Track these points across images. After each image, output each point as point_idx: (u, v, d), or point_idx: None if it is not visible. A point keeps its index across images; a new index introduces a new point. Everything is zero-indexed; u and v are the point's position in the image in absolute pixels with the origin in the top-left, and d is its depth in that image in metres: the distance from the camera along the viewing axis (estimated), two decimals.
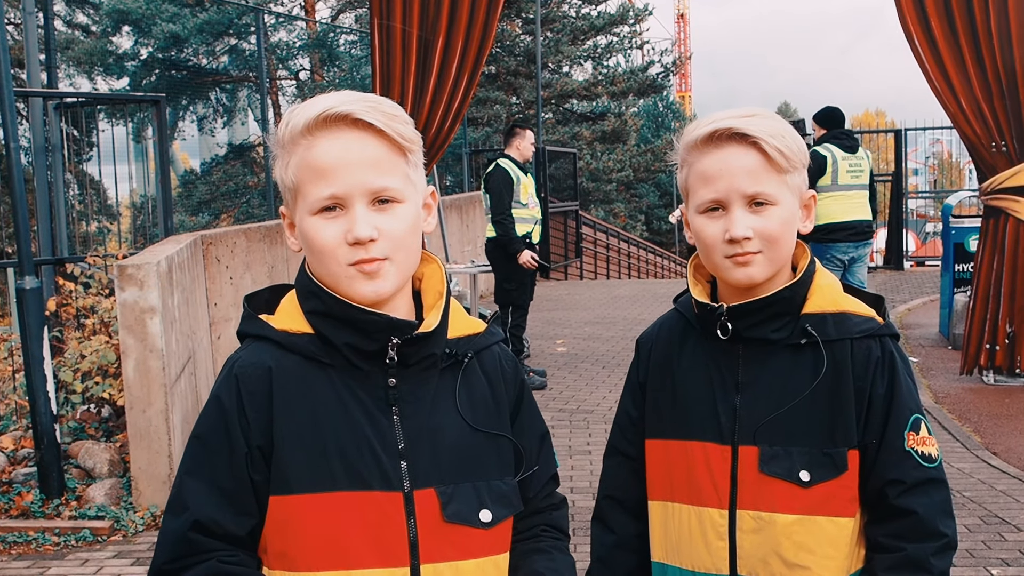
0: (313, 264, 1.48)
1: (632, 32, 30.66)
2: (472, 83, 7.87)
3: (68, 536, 4.99)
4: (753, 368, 1.71)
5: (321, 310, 1.47)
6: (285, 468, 1.43)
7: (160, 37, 19.31)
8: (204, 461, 1.46)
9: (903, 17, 7.45)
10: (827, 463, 1.66)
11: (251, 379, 1.46)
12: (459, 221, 13.74)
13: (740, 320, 1.69)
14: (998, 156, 7.42)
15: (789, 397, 1.68)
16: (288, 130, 1.44)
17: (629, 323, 11.41)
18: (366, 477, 1.44)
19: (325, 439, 1.44)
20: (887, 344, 1.71)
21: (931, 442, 1.71)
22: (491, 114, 26.54)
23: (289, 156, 1.45)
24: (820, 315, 1.69)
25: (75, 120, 9.27)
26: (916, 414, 1.70)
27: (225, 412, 1.46)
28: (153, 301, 5.18)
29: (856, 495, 1.69)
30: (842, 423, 1.67)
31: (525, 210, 8.02)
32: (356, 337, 1.45)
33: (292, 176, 1.45)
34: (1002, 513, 5.05)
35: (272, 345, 1.48)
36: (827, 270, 1.78)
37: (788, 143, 1.65)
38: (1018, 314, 7.53)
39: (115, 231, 9.50)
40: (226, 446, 1.44)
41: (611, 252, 21.67)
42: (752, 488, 1.68)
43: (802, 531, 1.66)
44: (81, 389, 6.03)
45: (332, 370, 1.47)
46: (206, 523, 1.42)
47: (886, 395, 1.68)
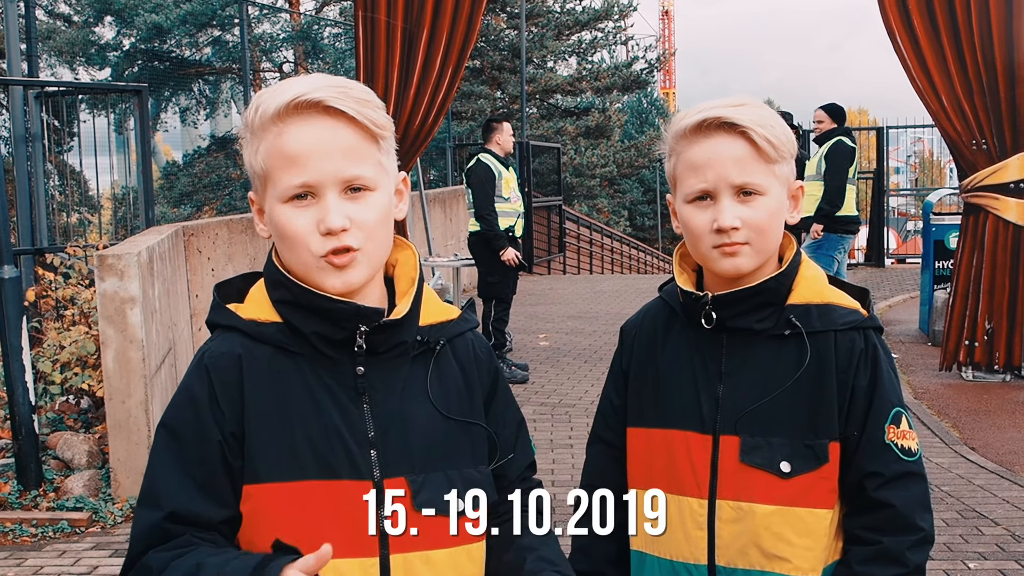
0: (283, 252, 1.46)
1: (617, 28, 30.68)
2: (456, 77, 7.85)
3: (46, 527, 4.97)
4: (737, 358, 1.71)
5: (289, 299, 1.45)
6: (255, 457, 1.42)
7: (143, 28, 19.18)
8: (176, 452, 1.43)
9: (886, 15, 7.49)
10: (808, 454, 1.66)
11: (222, 368, 1.45)
12: (443, 215, 13.72)
13: (725, 309, 1.69)
14: (978, 154, 7.47)
15: (772, 387, 1.67)
16: (258, 115, 1.42)
17: (612, 318, 11.42)
18: (335, 466, 1.43)
19: (294, 428, 1.43)
20: (871, 337, 1.71)
21: (912, 436, 1.71)
22: (475, 108, 26.50)
23: (258, 142, 1.43)
24: (805, 306, 1.69)
25: (56, 110, 9.21)
26: (898, 407, 1.70)
27: (196, 402, 1.44)
28: (134, 291, 5.15)
29: (836, 487, 1.69)
30: (824, 414, 1.67)
31: (507, 204, 8.02)
32: (324, 326, 1.44)
33: (261, 162, 1.43)
34: (979, 507, 5.09)
35: (240, 335, 1.47)
36: (813, 261, 1.78)
37: (777, 133, 1.64)
38: (997, 311, 7.59)
39: (96, 222, 9.43)
40: (198, 436, 1.43)
41: (594, 247, 21.69)
42: (732, 478, 1.68)
43: (781, 522, 1.66)
44: (60, 380, 5.99)
45: (301, 359, 1.46)
46: (181, 513, 1.40)
47: (868, 387, 1.68)
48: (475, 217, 8.00)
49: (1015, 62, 7.30)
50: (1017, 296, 7.58)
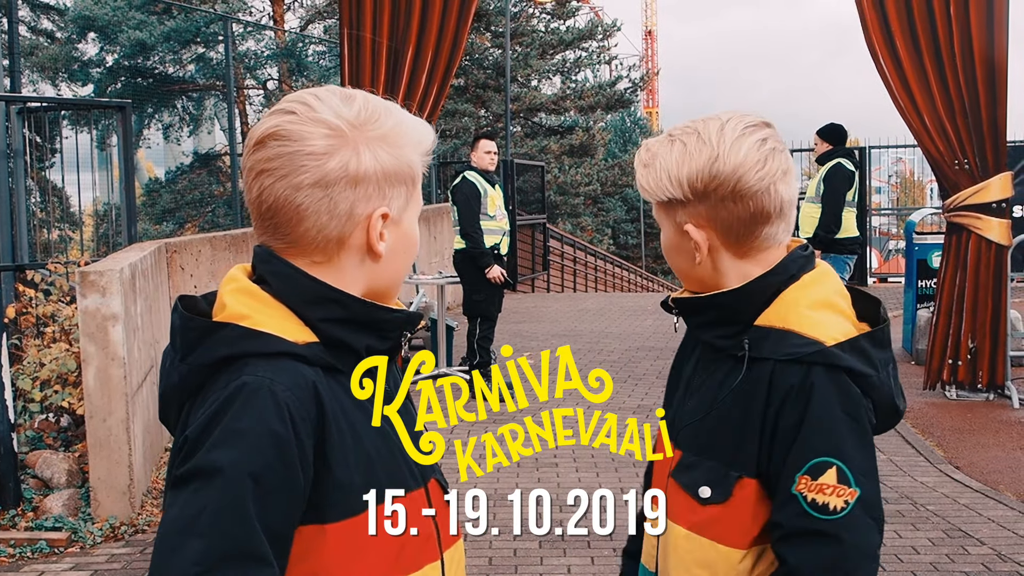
0: (399, 273, 1.47)
1: (600, 47, 30.85)
2: (441, 95, 7.86)
3: (24, 548, 4.89)
4: (703, 372, 1.69)
5: (341, 317, 1.38)
6: (347, 488, 1.34)
7: (126, 44, 19.13)
8: (269, 504, 1.26)
9: (868, 35, 7.54)
10: (725, 485, 1.58)
11: (302, 402, 1.31)
12: (427, 232, 13.70)
13: (689, 318, 1.70)
14: (960, 173, 7.51)
15: (711, 408, 1.62)
16: (418, 136, 1.43)
17: (596, 336, 11.41)
18: (403, 478, 1.42)
19: (368, 451, 1.39)
20: (812, 373, 1.52)
21: (836, 492, 1.50)
22: (460, 126, 26.55)
23: (408, 150, 1.42)
24: (766, 329, 1.58)
25: (38, 126, 9.15)
26: (824, 458, 1.50)
27: (285, 445, 1.28)
28: (116, 308, 5.10)
29: (750, 527, 1.57)
30: (745, 447, 1.57)
31: (492, 222, 8.01)
32: (374, 339, 1.42)
33: (411, 166, 1.43)
34: (965, 527, 5.08)
35: (296, 360, 1.34)
36: (822, 283, 1.64)
37: (648, 179, 1.67)
38: (980, 329, 7.62)
39: (77, 239, 9.37)
40: (289, 484, 1.28)
41: (578, 265, 21.72)
42: (670, 493, 1.64)
43: (688, 547, 1.61)
44: (40, 398, 5.92)
45: (343, 376, 1.39)
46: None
47: (792, 428, 1.52)
48: (460, 235, 7.99)
49: (996, 82, 7.36)
50: (1000, 315, 7.61)
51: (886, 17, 7.45)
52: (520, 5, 29.31)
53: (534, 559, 4.71)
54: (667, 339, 11.02)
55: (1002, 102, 7.39)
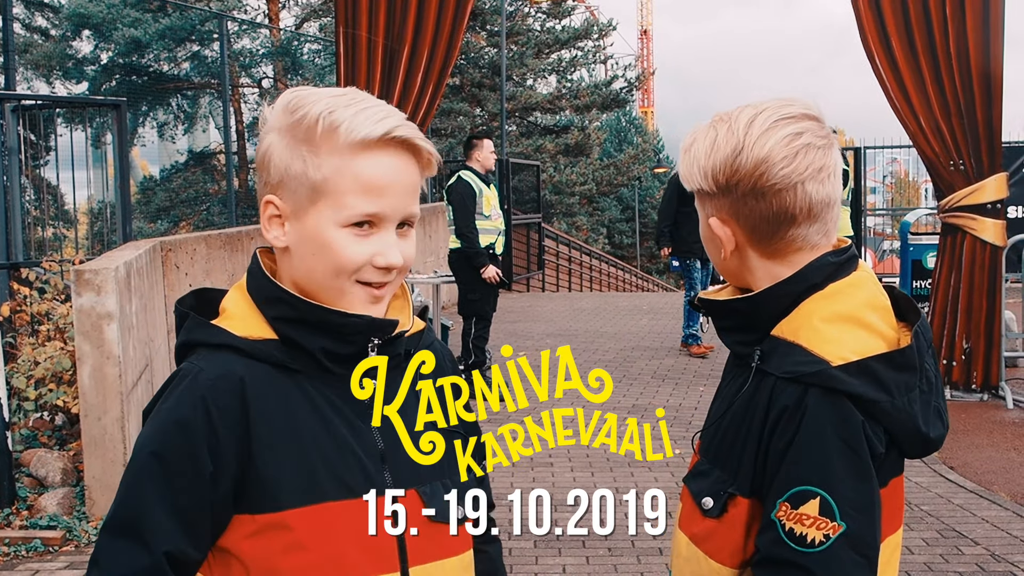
0: (310, 270, 1.41)
1: (596, 47, 30.85)
2: (437, 94, 7.85)
3: (19, 546, 4.88)
4: (727, 377, 1.63)
5: (292, 316, 1.41)
6: (271, 484, 1.37)
7: (121, 42, 19.10)
8: (165, 484, 1.35)
9: (865, 36, 7.56)
10: (722, 500, 1.51)
11: (221, 393, 1.37)
12: (421, 232, 13.70)
13: (714, 320, 1.61)
14: (956, 174, 7.53)
15: (724, 415, 1.56)
16: (341, 133, 1.37)
17: (591, 336, 11.42)
18: (352, 484, 1.40)
19: (307, 449, 1.40)
20: (808, 396, 1.42)
21: (816, 524, 1.40)
22: (455, 125, 26.55)
23: (327, 156, 1.37)
24: (777, 341, 1.49)
25: (33, 124, 9.13)
26: (808, 487, 1.40)
27: (189, 429, 1.36)
28: (111, 307, 5.09)
29: (739, 548, 1.50)
30: (743, 463, 1.50)
31: (488, 221, 8.01)
32: (331, 341, 1.41)
33: (325, 176, 1.38)
34: (959, 527, 5.10)
35: (236, 354, 1.40)
36: (852, 292, 1.51)
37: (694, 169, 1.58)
38: (974, 330, 7.64)
39: (71, 237, 9.35)
40: (192, 467, 1.35)
41: (573, 265, 21.73)
42: (683, 498, 1.61)
43: (686, 555, 1.57)
44: (34, 396, 5.91)
45: (301, 376, 1.42)
46: (175, 555, 1.35)
47: (781, 451, 1.43)
48: (456, 234, 7.98)
49: (992, 84, 7.38)
50: (994, 316, 7.63)
51: (882, 19, 7.46)
52: (516, 4, 29.32)
53: (528, 559, 4.71)
54: (662, 339, 11.03)
55: (997, 103, 7.41)
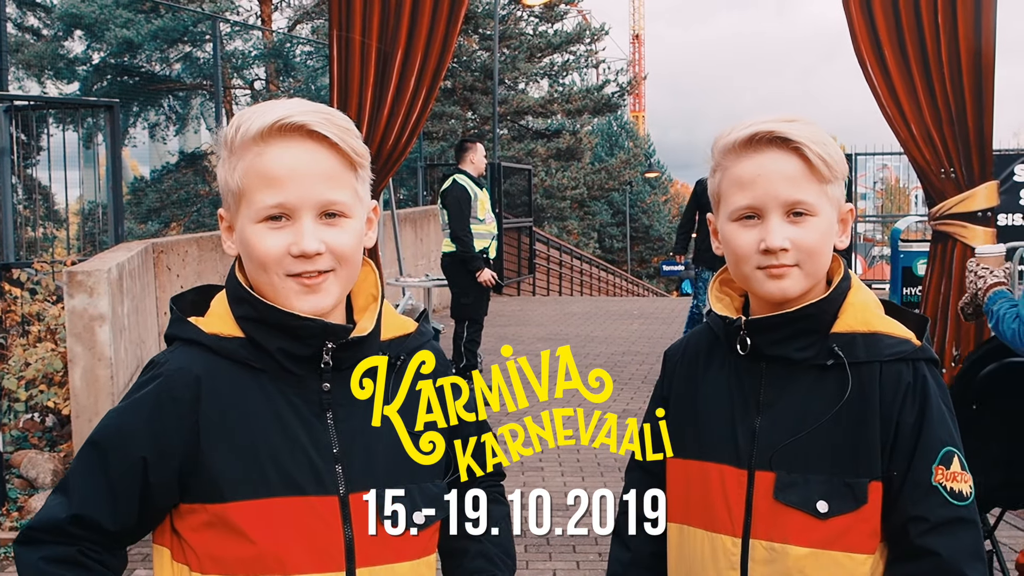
0: (251, 271, 1.47)
1: (588, 51, 30.90)
2: (430, 97, 7.84)
3: (8, 547, 4.87)
4: (775, 388, 1.61)
5: (253, 316, 1.46)
6: (217, 476, 1.42)
7: (113, 42, 19.04)
8: (98, 457, 1.44)
9: (856, 43, 7.58)
10: (847, 494, 1.54)
11: (177, 384, 1.44)
12: (413, 235, 13.69)
13: (761, 336, 1.60)
14: (947, 182, 7.56)
15: (810, 421, 1.56)
16: (239, 134, 1.43)
17: (582, 340, 11.43)
18: (300, 482, 1.43)
19: (258, 445, 1.43)
20: (920, 369, 1.57)
21: (964, 479, 1.55)
22: (447, 128, 26.56)
23: (237, 160, 1.44)
24: (850, 335, 1.58)
25: (24, 124, 9.10)
26: (948, 447, 1.55)
27: (131, 415, 1.45)
28: (103, 308, 5.08)
29: (877, 530, 1.57)
30: (865, 452, 1.55)
31: (482, 226, 8.02)
32: (289, 342, 1.45)
33: (238, 180, 1.44)
34: None
35: (202, 349, 1.46)
36: (865, 287, 1.65)
37: (831, 151, 1.55)
38: (964, 337, 7.66)
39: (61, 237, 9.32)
40: (120, 447, 1.44)
41: (564, 269, 21.75)
42: (767, 516, 1.58)
43: (816, 565, 1.55)
44: (25, 397, 5.89)
45: (264, 375, 1.46)
46: (85, 518, 1.42)
47: (915, 424, 1.54)
48: (451, 238, 7.98)
49: (983, 91, 7.42)
50: (983, 323, 7.66)
51: (874, 25, 7.49)
52: (508, 8, 29.34)
53: (519, 563, 4.71)
54: (652, 343, 11.05)
55: (989, 111, 7.44)
